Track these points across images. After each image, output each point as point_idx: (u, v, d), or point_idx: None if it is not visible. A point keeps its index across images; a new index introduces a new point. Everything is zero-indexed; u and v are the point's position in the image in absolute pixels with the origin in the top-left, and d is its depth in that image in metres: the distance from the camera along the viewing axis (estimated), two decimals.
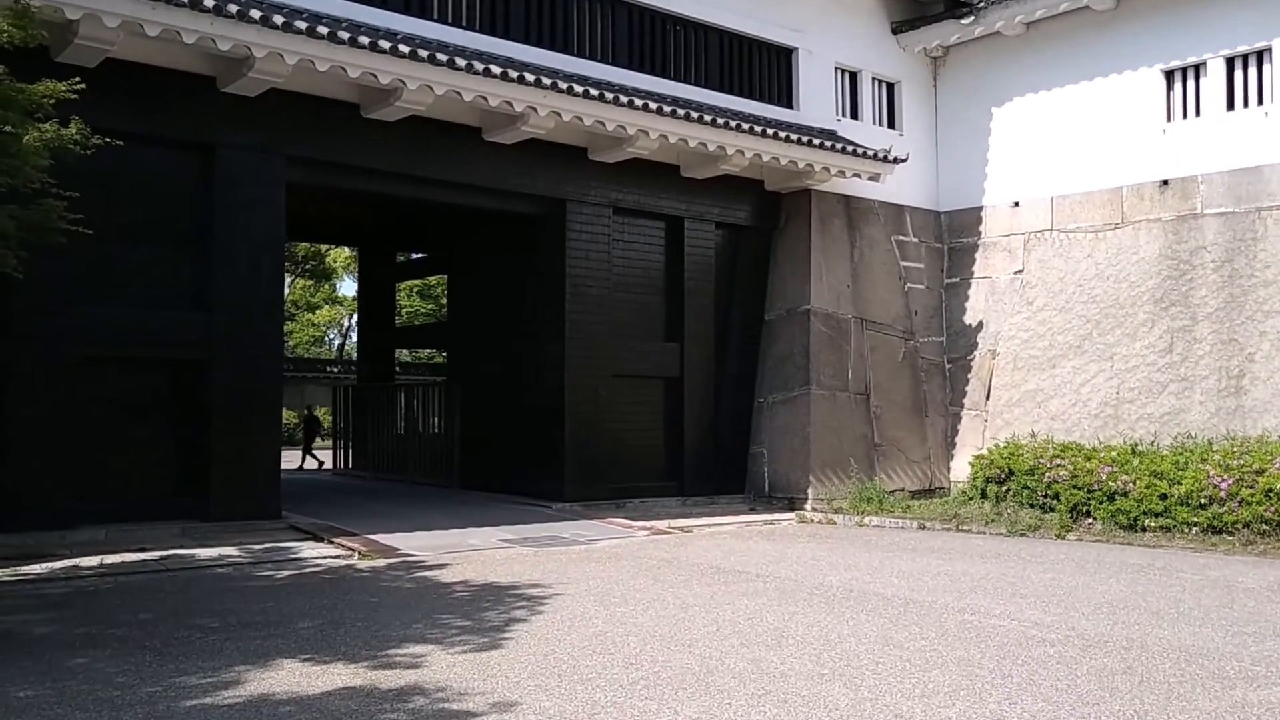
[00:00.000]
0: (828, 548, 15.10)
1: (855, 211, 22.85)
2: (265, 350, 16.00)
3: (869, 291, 22.74)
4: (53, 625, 9.36)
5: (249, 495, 15.72)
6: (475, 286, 22.90)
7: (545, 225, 19.92)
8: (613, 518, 18.08)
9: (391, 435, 24.44)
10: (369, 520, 16.86)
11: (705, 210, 21.36)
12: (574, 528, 16.73)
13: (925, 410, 23.12)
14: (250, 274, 15.93)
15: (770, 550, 14.77)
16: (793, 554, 14.36)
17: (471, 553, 14.22)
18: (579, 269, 19.57)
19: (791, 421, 21.32)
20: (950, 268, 24.31)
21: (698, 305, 21.28)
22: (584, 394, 19.49)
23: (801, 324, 21.64)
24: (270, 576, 12.33)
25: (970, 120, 24.10)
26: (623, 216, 20.53)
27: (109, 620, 9.55)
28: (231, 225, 15.82)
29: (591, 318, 19.67)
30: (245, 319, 15.82)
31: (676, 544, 15.37)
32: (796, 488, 20.90)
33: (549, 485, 19.53)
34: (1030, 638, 8.89)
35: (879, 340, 22.66)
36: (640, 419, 20.69)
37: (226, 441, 15.55)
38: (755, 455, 21.86)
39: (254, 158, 16.04)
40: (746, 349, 22.09)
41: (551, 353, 19.64)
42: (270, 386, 16.05)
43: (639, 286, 20.83)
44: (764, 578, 12.16)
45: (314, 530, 15.48)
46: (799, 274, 21.95)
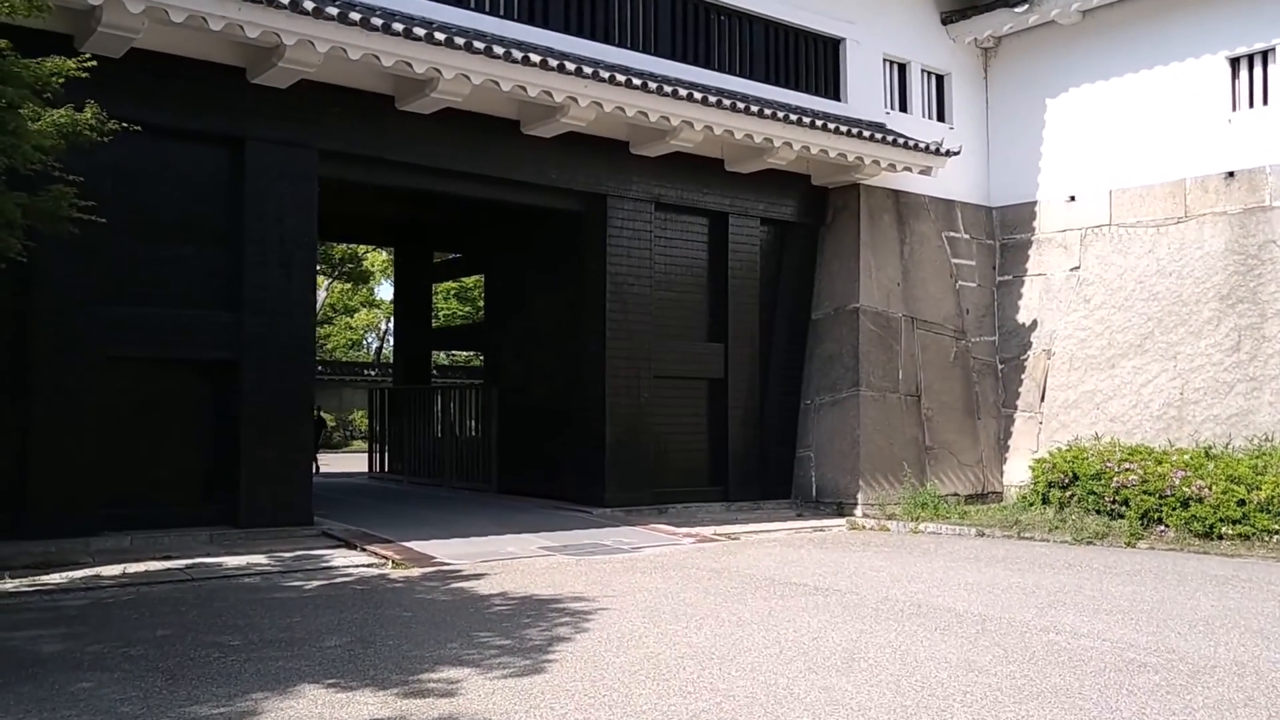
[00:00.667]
0: (885, 556, 14.16)
1: (905, 207, 21.88)
2: (296, 350, 15.28)
3: (919, 289, 21.75)
4: (63, 642, 8.62)
5: (280, 500, 15.00)
6: (513, 286, 22.14)
7: (585, 222, 19.12)
8: (656, 524, 17.23)
9: (428, 438, 23.71)
10: (403, 526, 16.11)
11: (750, 206, 20.47)
12: (616, 534, 15.89)
13: (977, 412, 22.09)
14: (281, 272, 15.23)
15: (825, 559, 13.86)
16: (849, 564, 13.44)
17: (510, 561, 13.41)
18: (620, 267, 18.74)
19: (840, 424, 20.37)
20: (1002, 265, 23.26)
21: (742, 304, 20.38)
22: (625, 396, 18.66)
23: (850, 323, 20.69)
24: (299, 588, 11.57)
25: (1023, 112, 23.05)
26: (665, 212, 19.68)
27: (124, 637, 8.81)
28: (262, 221, 15.13)
29: (633, 317, 18.83)
30: (276, 318, 15.12)
31: (724, 552, 14.49)
32: (845, 493, 19.94)
33: (589, 490, 18.71)
34: (1128, 662, 7.93)
35: (930, 340, 21.67)
36: (683, 421, 19.82)
37: (256, 445, 14.84)
38: (802, 459, 20.93)
39: (285, 151, 15.34)
40: (792, 349, 21.17)
41: (592, 353, 18.82)
42: (301, 388, 15.33)
43: (682, 285, 19.97)
44: (823, 590, 11.25)
45: (346, 537, 14.73)
46: (847, 271, 21.00)
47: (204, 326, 14.79)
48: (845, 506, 19.79)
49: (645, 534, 16.12)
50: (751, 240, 20.59)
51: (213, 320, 14.86)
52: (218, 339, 14.86)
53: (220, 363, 14.99)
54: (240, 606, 10.29)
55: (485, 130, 17.09)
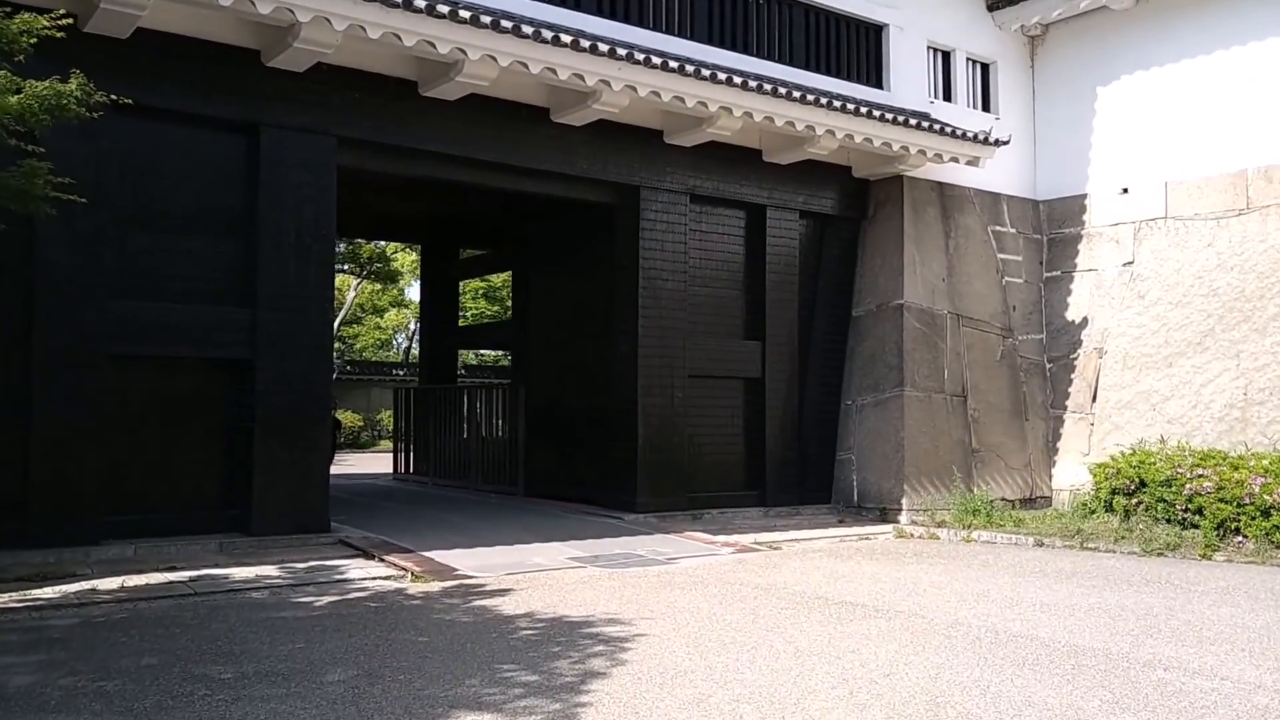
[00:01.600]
0: (942, 570, 12.88)
1: (950, 200, 20.56)
2: (313, 348, 14.17)
3: (965, 285, 20.42)
4: (35, 673, 7.50)
5: (295, 507, 13.89)
6: (541, 282, 20.98)
7: (617, 215, 17.93)
8: (690, 531, 16.01)
9: (453, 439, 22.58)
10: (425, 533, 14.97)
11: (789, 198, 19.21)
12: (649, 543, 14.69)
13: (1025, 413, 20.73)
14: (298, 266, 14.12)
15: (877, 574, 12.59)
16: (905, 579, 12.17)
17: (537, 574, 12.24)
18: (653, 261, 17.53)
19: (883, 425, 19.08)
20: (1050, 260, 21.89)
21: (780, 300, 19.13)
22: (658, 396, 17.45)
23: (894, 320, 19.39)
24: (308, 605, 10.43)
25: (1072, 101, 21.67)
26: (700, 205, 18.46)
27: (104, 667, 7.68)
28: (277, 213, 14.02)
29: (666, 314, 17.62)
30: (292, 314, 14.01)
31: (767, 565, 13.26)
32: (889, 498, 18.65)
33: (620, 495, 17.52)
34: (1265, 710, 6.65)
35: (976, 338, 20.33)
36: (718, 423, 18.59)
37: (270, 448, 13.74)
38: (843, 462, 19.65)
39: (301, 139, 14.24)
40: (832, 348, 19.90)
41: (623, 352, 17.63)
42: (319, 388, 14.20)
43: (717, 280, 18.74)
44: (883, 612, 10.00)
45: (364, 546, 13.59)
46: (890, 266, 19.71)
47: (216, 323, 13.69)
48: (889, 512, 18.51)
49: (680, 543, 14.91)
50: (790, 234, 19.34)
51: (225, 316, 13.76)
52: (230, 336, 13.76)
53: (233, 361, 13.90)
54: (240, 628, 9.16)
55: (513, 118, 15.94)
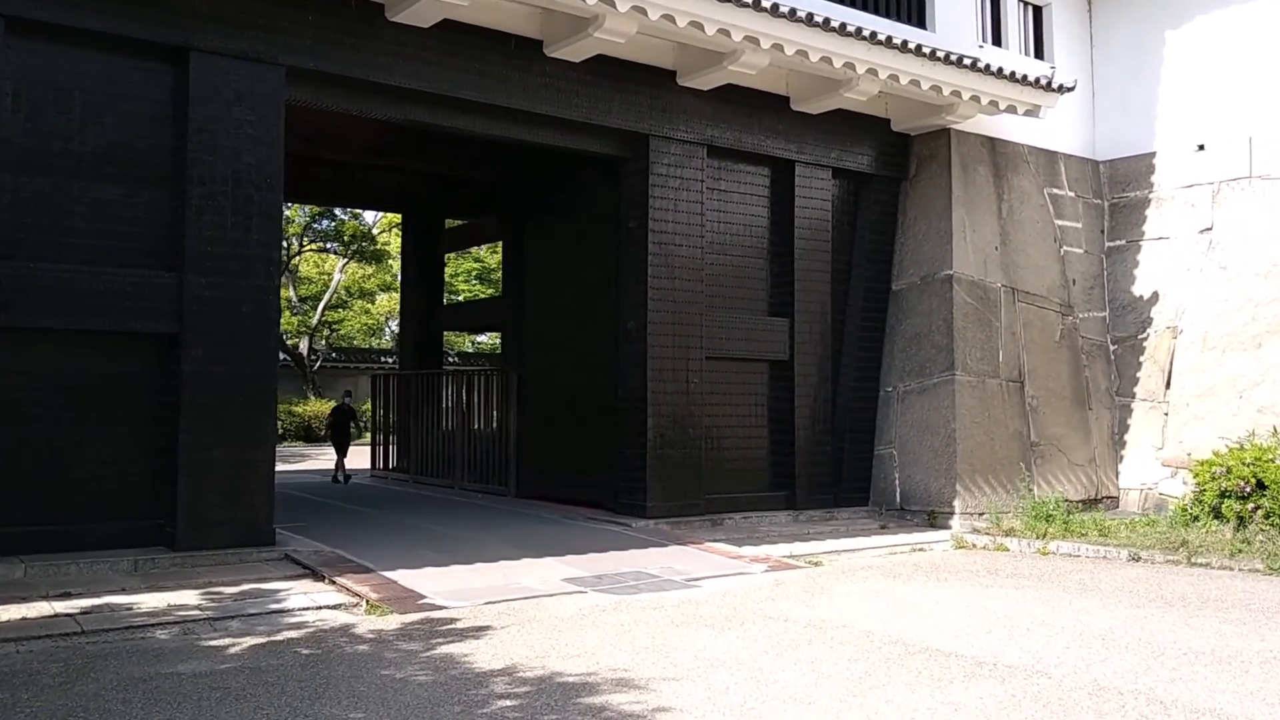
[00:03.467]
0: (1035, 597, 10.33)
1: (1001, 157, 17.98)
2: (256, 320, 11.64)
3: (1020, 255, 17.85)
4: None
5: (231, 515, 11.38)
6: (536, 252, 18.36)
7: (623, 170, 15.39)
8: (711, 542, 13.50)
9: (436, 432, 20.05)
10: (394, 545, 12.45)
11: (820, 154, 16.65)
12: (663, 558, 12.17)
13: (1088, 401, 18.18)
14: (236, 221, 11.59)
15: (954, 602, 10.06)
16: (995, 610, 9.63)
17: (525, 602, 9.72)
18: (665, 224, 14.99)
19: (930, 415, 16.53)
20: (1113, 228, 19.30)
21: (810, 271, 16.56)
22: (671, 381, 14.92)
23: (941, 294, 16.83)
24: (220, 651, 7.93)
25: (1136, 48, 19.05)
26: (719, 160, 15.90)
27: None
28: (210, 156, 11.49)
29: (680, 286, 15.08)
30: (228, 279, 11.49)
31: (812, 588, 10.73)
32: (938, 499, 16.12)
33: (627, 497, 15.01)
34: None
35: (1033, 315, 17.77)
36: (740, 413, 16.05)
37: (200, 443, 11.23)
38: (883, 458, 17.11)
39: (242, 69, 11.70)
40: (870, 326, 17.34)
41: (630, 330, 15.10)
42: (260, 371, 11.68)
43: (739, 248, 16.19)
44: (990, 667, 7.46)
45: (314, 563, 11.08)
46: (937, 232, 17.14)
47: (133, 289, 11.14)
48: (938, 516, 15.98)
49: (700, 557, 12.39)
50: (822, 195, 16.76)
51: (145, 281, 11.22)
52: (151, 305, 11.21)
53: (155, 336, 11.37)
54: (111, 693, 6.65)
55: (499, 50, 13.41)
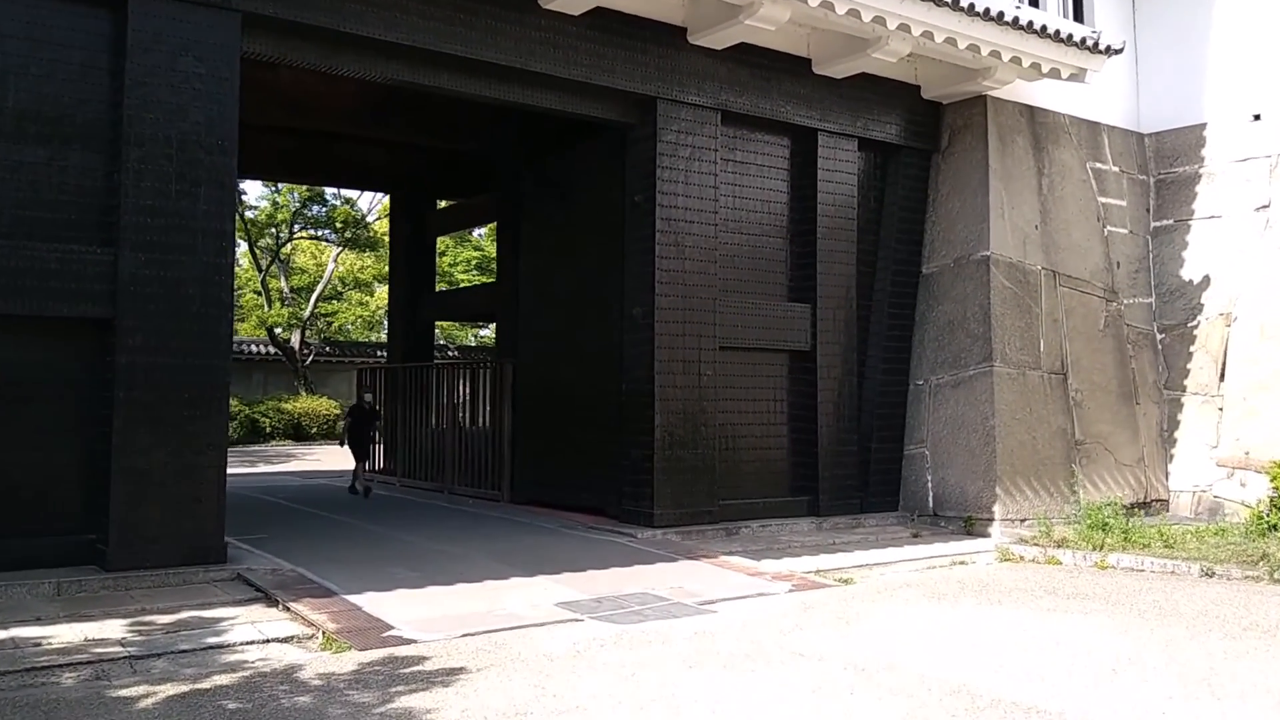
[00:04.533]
0: (1111, 624, 8.76)
1: (1041, 128, 16.39)
2: (203, 306, 10.11)
3: (1061, 235, 16.27)
4: None
5: (176, 529, 9.87)
6: (534, 232, 16.75)
7: (629, 139, 13.84)
8: (726, 555, 11.96)
9: (424, 431, 18.49)
10: (365, 562, 10.91)
11: (845, 122, 15.07)
12: (672, 576, 10.63)
13: (1135, 395, 16.60)
14: (182, 189, 10.06)
15: (1018, 632, 8.50)
16: (1067, 641, 8.07)
17: (510, 635, 8.19)
18: (674, 199, 13.43)
19: (966, 411, 14.97)
20: (1160, 206, 17.70)
21: (834, 252, 15.00)
22: (681, 374, 13.38)
23: (977, 277, 15.25)
24: (128, 705, 6.41)
25: (1184, 10, 17.42)
26: (734, 128, 14.34)
27: None
28: (152, 115, 9.97)
29: (691, 268, 13.54)
30: (172, 256, 9.97)
31: (844, 612, 9.18)
32: (975, 504, 14.56)
33: (632, 504, 13.47)
34: None
35: (1075, 301, 16.19)
36: (758, 408, 14.50)
37: (139, 446, 9.72)
38: (913, 458, 15.55)
39: (189, 13, 10.17)
40: (899, 312, 15.76)
41: (636, 317, 13.56)
42: (210, 362, 10.15)
43: (756, 226, 14.63)
44: None
45: (269, 585, 9.56)
46: (972, 210, 15.56)
47: (60, 268, 9.61)
48: (975, 523, 14.43)
49: (714, 574, 10.85)
50: (847, 168, 15.19)
51: (74, 258, 9.69)
52: (81, 286, 9.69)
53: (85, 322, 9.86)
54: None
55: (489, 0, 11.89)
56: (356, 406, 18.30)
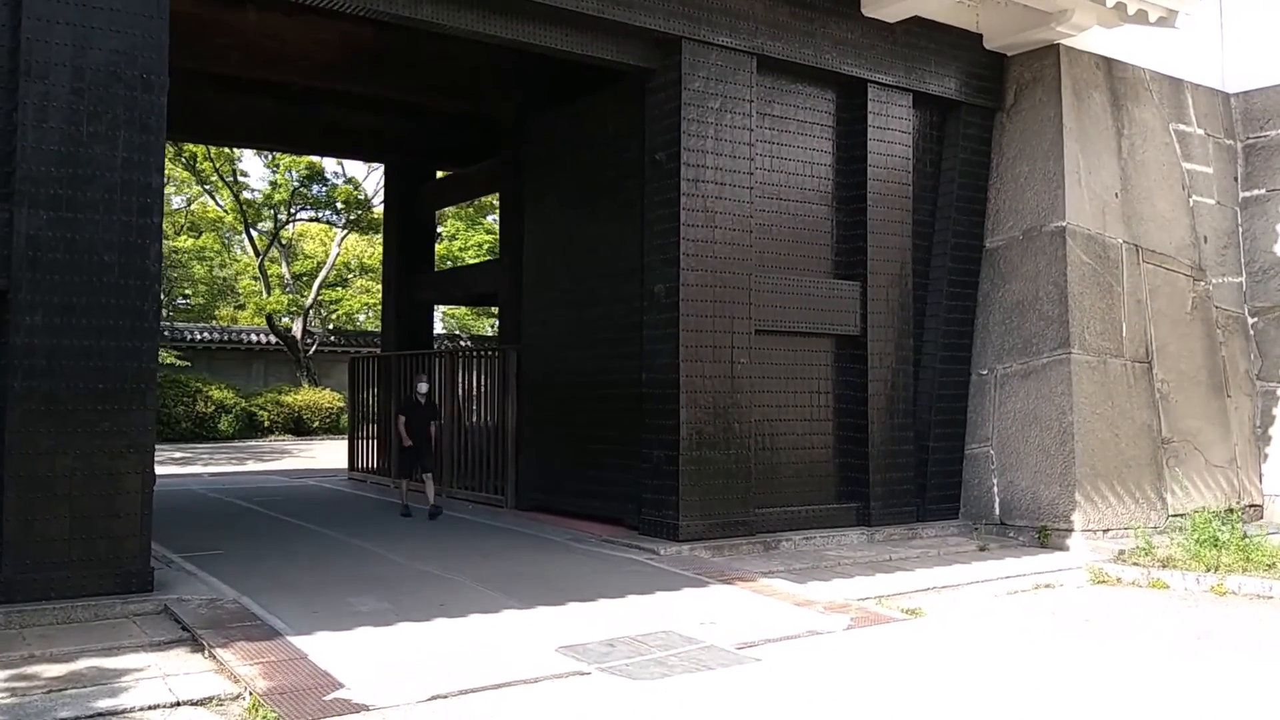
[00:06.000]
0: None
1: (1120, 83, 14.24)
2: (123, 277, 8.14)
3: (1144, 205, 14.13)
4: None
5: (84, 551, 7.91)
6: (541, 200, 14.60)
7: (648, 86, 11.79)
8: (765, 576, 9.94)
9: None
10: (330, 587, 8.92)
11: (898, 74, 12.97)
12: (702, 606, 8.61)
13: (1226, 387, 14.47)
14: (95, 133, 8.10)
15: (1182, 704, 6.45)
16: None
17: (491, 697, 6.18)
18: (702, 157, 11.38)
19: (1039, 405, 12.87)
20: (1249, 174, 15.51)
21: (887, 222, 12.90)
22: (711, 362, 11.34)
23: (1050, 251, 13.13)
24: None
25: None
26: (773, 77, 12.25)
27: None
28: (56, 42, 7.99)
29: (723, 238, 11.48)
30: (82, 217, 8.01)
31: (922, 661, 7.15)
32: (1050, 512, 12.48)
33: (654, 514, 11.44)
34: None
35: (1160, 279, 14.06)
36: (799, 402, 12.43)
37: (38, 447, 7.76)
38: (976, 458, 13.46)
39: None
40: (959, 292, 13.66)
41: (657, 296, 11.51)
42: (131, 345, 8.17)
43: (797, 190, 12.54)
44: None
45: (198, 624, 7.57)
46: (1043, 174, 13.43)
47: None
48: (1051, 534, 12.35)
49: (753, 603, 8.81)
50: (901, 126, 13.09)
51: None
52: None
53: None
54: None
55: None
56: (411, 401, 14.17)
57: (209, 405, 28.33)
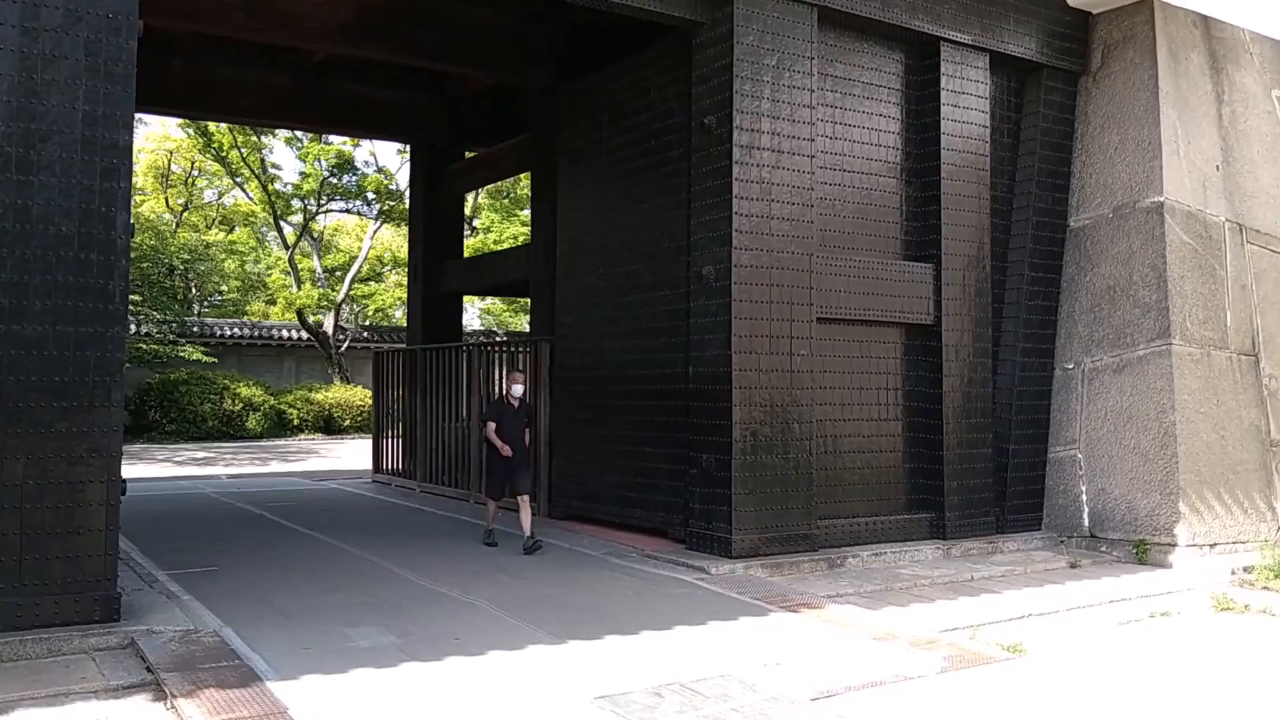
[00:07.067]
0: None
1: (1218, 43, 12.67)
2: (83, 250, 6.88)
3: (1246, 179, 12.56)
4: None
5: (37, 574, 6.67)
6: (575, 178, 13.16)
7: (696, 42, 10.41)
8: (832, 600, 8.55)
9: (449, 426, 15.14)
10: (326, 615, 7.62)
11: (974, 33, 11.48)
12: (764, 641, 7.22)
13: None
14: (52, 84, 6.85)
15: None
16: None
17: None
18: (757, 120, 9.97)
19: (1135, 402, 11.35)
20: None
21: (963, 198, 11.42)
22: (768, 353, 9.93)
23: (1146, 229, 11.60)
24: None
25: None
26: (835, 33, 10.81)
27: None
28: None
29: (780, 213, 10.07)
30: (35, 181, 6.77)
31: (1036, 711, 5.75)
32: (1150, 524, 10.96)
33: (703, 525, 10.06)
34: None
35: (1266, 263, 12.49)
36: (865, 399, 10.99)
37: None
38: (1062, 463, 11.95)
39: None
40: (1041, 276, 12.15)
41: (708, 278, 10.12)
42: (94, 332, 6.92)
43: (861, 161, 11.07)
44: None
45: (166, 662, 6.29)
46: (1137, 144, 11.89)
47: None
48: (1150, 549, 10.83)
49: (822, 636, 7.40)
50: (977, 90, 11.59)
51: None
52: None
53: None
54: None
55: None
56: (501, 403, 11.21)
57: (236, 403, 27.32)
